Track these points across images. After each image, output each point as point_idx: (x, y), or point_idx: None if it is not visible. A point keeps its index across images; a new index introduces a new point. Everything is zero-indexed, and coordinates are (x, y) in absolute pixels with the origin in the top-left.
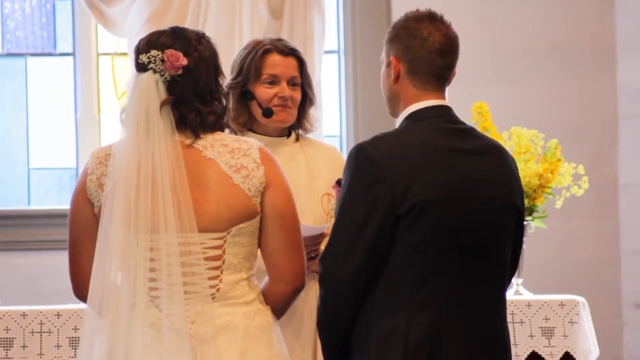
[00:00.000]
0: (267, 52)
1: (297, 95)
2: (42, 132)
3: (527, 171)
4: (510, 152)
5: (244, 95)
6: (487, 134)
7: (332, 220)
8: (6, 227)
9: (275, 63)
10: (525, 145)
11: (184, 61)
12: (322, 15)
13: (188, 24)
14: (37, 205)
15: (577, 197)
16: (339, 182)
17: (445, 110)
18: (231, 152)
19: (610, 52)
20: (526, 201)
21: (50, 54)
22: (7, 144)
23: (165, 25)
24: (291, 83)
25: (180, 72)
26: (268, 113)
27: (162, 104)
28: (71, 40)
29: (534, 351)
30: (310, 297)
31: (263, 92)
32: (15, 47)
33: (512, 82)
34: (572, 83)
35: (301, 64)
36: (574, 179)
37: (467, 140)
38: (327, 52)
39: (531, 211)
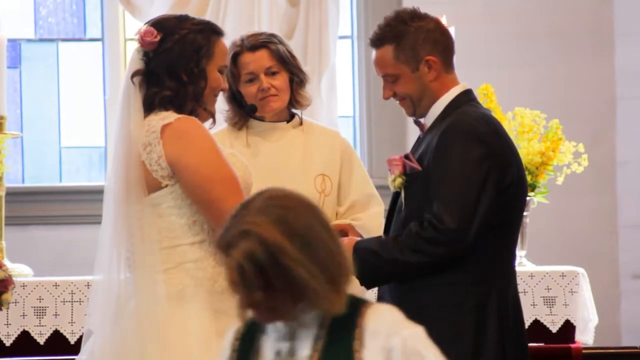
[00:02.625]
0: (237, 54)
1: (278, 81)
2: (72, 113)
3: (530, 149)
4: (514, 132)
5: (249, 110)
6: (493, 114)
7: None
8: (39, 203)
9: (247, 61)
10: (528, 125)
11: (155, 38)
12: (336, 2)
13: (210, 10)
14: (68, 182)
15: (577, 174)
16: (406, 157)
17: (472, 93)
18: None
19: (609, 36)
20: (529, 178)
21: (80, 40)
22: (39, 124)
23: (188, 11)
24: (269, 72)
25: (151, 48)
26: (252, 110)
27: (133, 75)
28: (100, 26)
29: (536, 319)
30: None
31: (247, 91)
32: (47, 32)
33: (516, 65)
34: (573, 66)
35: (275, 51)
36: (574, 157)
37: None
38: (341, 37)
39: (534, 187)
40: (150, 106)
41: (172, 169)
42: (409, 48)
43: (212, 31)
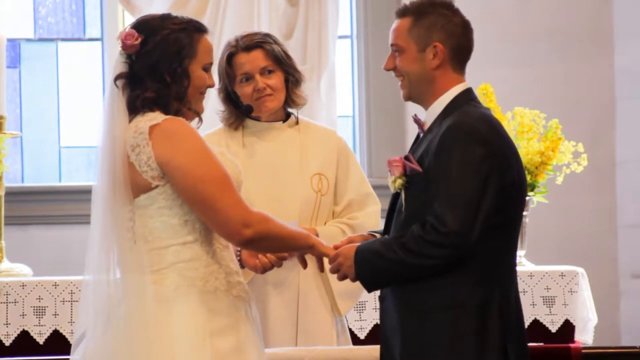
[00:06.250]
0: (231, 55)
1: (274, 80)
2: (72, 113)
3: (529, 149)
4: (513, 132)
5: (245, 110)
6: (493, 114)
7: (304, 214)
8: (39, 202)
9: (242, 61)
10: (527, 125)
11: (136, 41)
12: (336, 2)
13: (209, 10)
14: (67, 182)
15: (576, 174)
16: (407, 158)
17: (473, 92)
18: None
19: (608, 36)
20: (528, 177)
21: (79, 39)
22: (39, 124)
23: (187, 11)
24: (264, 72)
25: (133, 50)
26: (247, 111)
27: (116, 78)
28: (99, 26)
29: (535, 319)
30: (294, 273)
31: (242, 91)
32: (47, 32)
33: (515, 65)
34: (572, 66)
35: (270, 51)
36: (574, 157)
37: None
38: (340, 37)
39: (533, 187)
40: (134, 108)
41: (163, 170)
42: (425, 27)
43: (194, 29)
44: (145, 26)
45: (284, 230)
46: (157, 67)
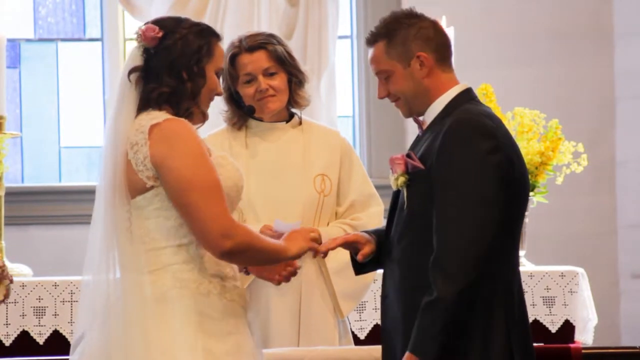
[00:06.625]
0: (234, 55)
1: (277, 81)
2: (72, 113)
3: (529, 149)
4: (514, 132)
5: (247, 111)
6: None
7: (307, 215)
8: (39, 203)
9: (245, 62)
10: (527, 125)
11: (157, 34)
12: (336, 2)
13: (209, 10)
14: (67, 182)
15: (576, 174)
16: (408, 155)
17: (473, 92)
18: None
19: (608, 36)
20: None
21: (79, 39)
22: (39, 124)
23: (187, 11)
24: (267, 73)
25: (154, 44)
26: (250, 111)
27: (130, 72)
28: (99, 26)
29: (535, 319)
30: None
31: (245, 91)
32: (47, 32)
33: (515, 65)
34: (572, 66)
35: (273, 52)
36: (574, 157)
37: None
38: (340, 37)
39: (533, 187)
40: (147, 102)
41: (157, 170)
42: (400, 43)
43: (211, 33)
44: (165, 24)
45: (265, 244)
46: (175, 64)
